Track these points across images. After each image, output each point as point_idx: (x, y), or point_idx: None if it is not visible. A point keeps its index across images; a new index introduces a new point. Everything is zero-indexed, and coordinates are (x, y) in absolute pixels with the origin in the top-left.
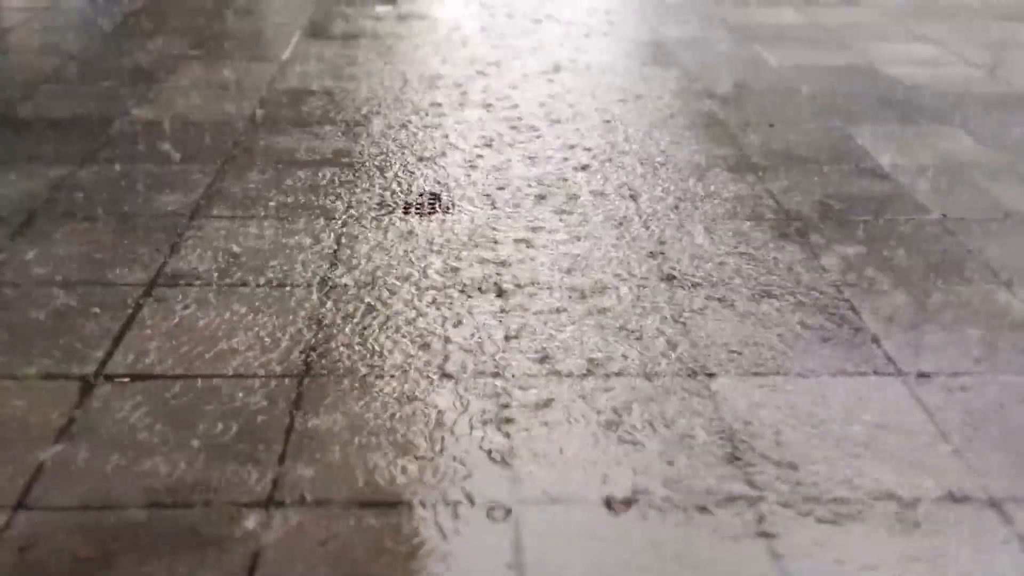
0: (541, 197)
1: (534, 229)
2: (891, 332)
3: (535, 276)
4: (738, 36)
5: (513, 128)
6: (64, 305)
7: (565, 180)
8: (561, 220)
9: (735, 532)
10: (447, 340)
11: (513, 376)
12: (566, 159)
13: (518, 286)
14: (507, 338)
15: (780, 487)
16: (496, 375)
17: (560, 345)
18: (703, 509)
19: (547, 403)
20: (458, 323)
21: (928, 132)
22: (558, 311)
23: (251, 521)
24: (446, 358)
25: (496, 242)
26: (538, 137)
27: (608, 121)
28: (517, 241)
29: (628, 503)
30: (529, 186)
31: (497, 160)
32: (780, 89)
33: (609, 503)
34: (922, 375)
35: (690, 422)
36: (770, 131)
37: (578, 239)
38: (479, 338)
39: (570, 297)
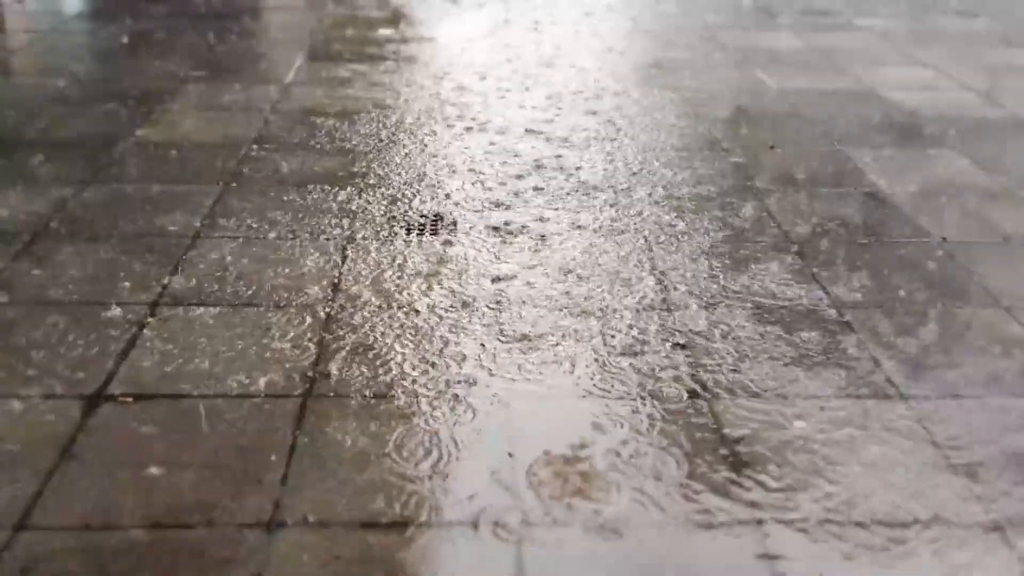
0: (543, 220)
1: (529, 267)
2: (892, 355)
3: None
4: (738, 60)
5: (527, 156)
6: (67, 325)
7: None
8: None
9: None
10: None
11: None
12: (563, 167)
13: None
14: None
15: (781, 506)
16: None
17: None
18: None
19: None
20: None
21: (926, 155)
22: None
23: (253, 542)
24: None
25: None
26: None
27: (614, 139)
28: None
29: None
30: (528, 213)
31: (499, 183)
32: (780, 112)
33: None
34: (923, 397)
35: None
36: (771, 154)
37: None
38: None
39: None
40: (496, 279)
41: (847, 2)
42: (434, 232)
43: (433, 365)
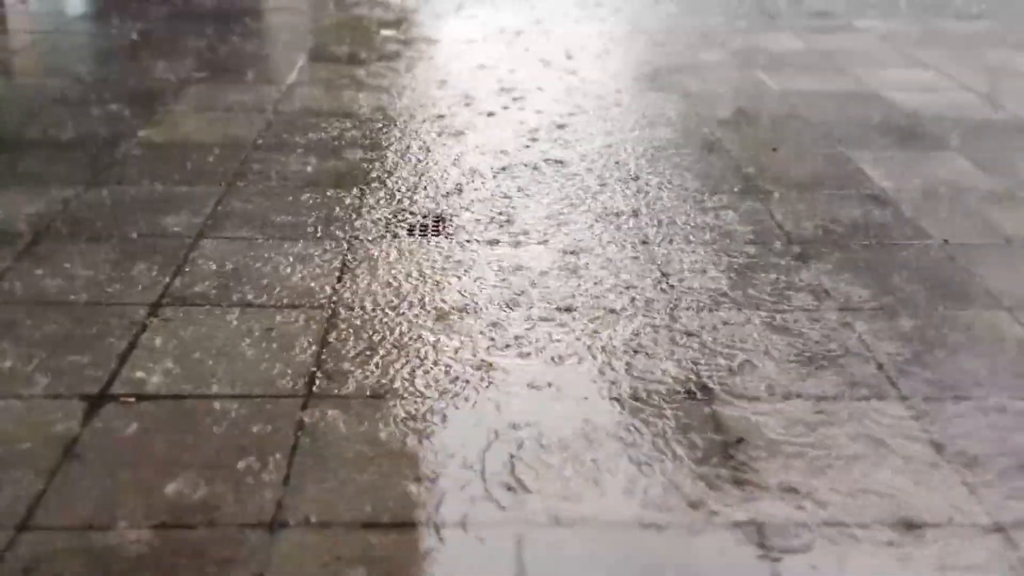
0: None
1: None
2: (894, 356)
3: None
4: (739, 61)
5: (525, 164)
6: (70, 325)
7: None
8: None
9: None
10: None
11: None
12: (573, 179)
13: None
14: None
15: (782, 507)
16: None
17: None
18: None
19: None
20: None
21: (928, 157)
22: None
23: (255, 542)
24: None
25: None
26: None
27: (614, 140)
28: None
29: None
30: (532, 219)
31: (499, 184)
32: (781, 113)
33: None
34: (925, 399)
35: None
36: (773, 155)
37: (575, 252)
38: None
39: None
40: (497, 280)
41: (848, 3)
42: (436, 233)
43: (434, 365)
